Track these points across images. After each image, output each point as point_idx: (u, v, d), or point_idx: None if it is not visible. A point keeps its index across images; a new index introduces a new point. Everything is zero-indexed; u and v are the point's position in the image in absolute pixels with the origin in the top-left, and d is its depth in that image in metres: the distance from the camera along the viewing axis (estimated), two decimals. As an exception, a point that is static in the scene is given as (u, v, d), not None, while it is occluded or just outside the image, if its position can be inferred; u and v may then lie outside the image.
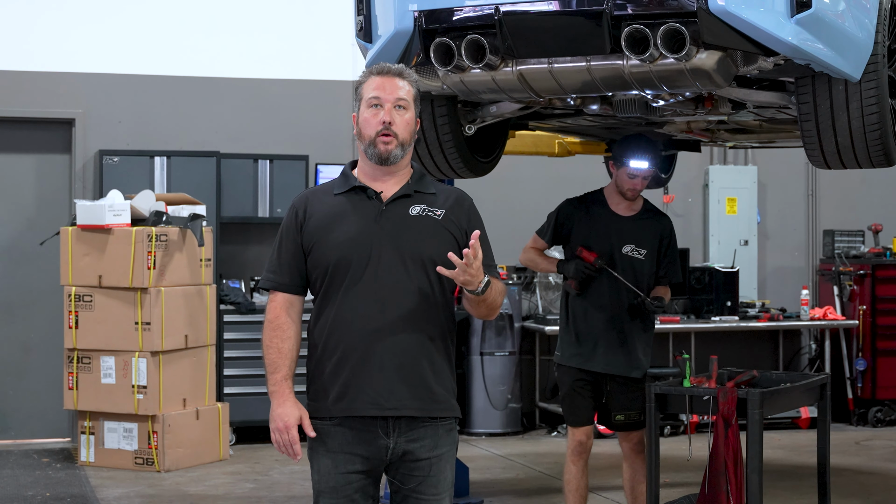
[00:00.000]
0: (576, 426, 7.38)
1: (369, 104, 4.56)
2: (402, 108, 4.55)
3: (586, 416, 7.43)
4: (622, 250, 7.38)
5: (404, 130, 4.55)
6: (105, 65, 11.60)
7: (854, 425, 12.32)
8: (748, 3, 5.52)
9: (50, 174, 11.64)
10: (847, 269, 12.51)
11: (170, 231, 10.10)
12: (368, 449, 4.50)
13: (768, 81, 6.48)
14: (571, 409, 7.44)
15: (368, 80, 4.59)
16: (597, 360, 7.36)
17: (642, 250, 7.41)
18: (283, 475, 9.86)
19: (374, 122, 4.53)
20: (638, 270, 7.40)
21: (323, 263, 4.52)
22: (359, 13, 6.46)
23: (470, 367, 11.63)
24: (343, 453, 4.52)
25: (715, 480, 6.67)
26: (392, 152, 4.53)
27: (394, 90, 4.55)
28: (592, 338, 7.37)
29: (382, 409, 4.47)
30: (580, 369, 7.38)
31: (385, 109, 4.52)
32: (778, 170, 13.16)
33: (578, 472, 7.36)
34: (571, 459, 7.38)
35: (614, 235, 7.39)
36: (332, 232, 4.53)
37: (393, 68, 4.60)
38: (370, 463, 4.53)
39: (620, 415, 7.41)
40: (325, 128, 11.88)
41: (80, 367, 10.17)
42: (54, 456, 10.72)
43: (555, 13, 5.74)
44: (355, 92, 4.63)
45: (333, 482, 4.54)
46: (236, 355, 11.08)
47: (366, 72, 4.64)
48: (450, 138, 7.05)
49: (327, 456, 4.55)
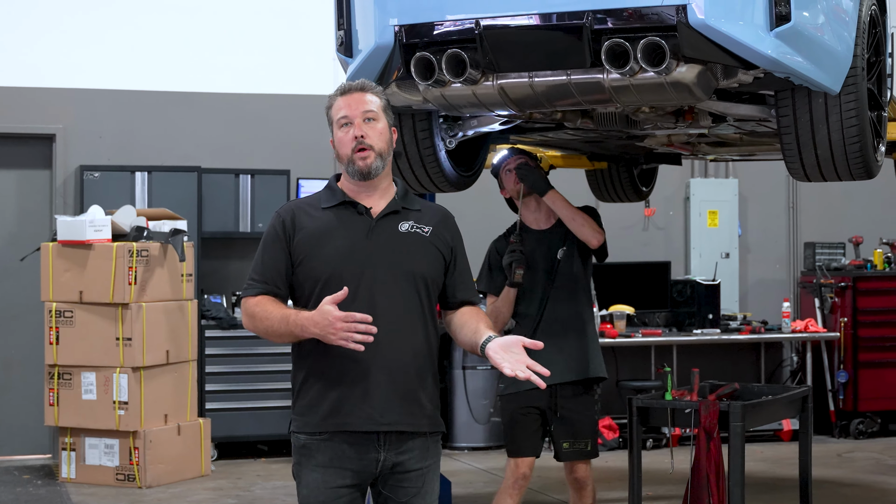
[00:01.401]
0: (521, 456, 7.06)
1: (339, 125, 4.58)
2: (372, 119, 4.57)
3: (533, 446, 7.10)
4: (556, 258, 7.17)
5: (379, 140, 4.56)
6: (85, 80, 11.59)
7: (836, 437, 12.34)
8: (728, 16, 5.52)
9: (30, 189, 11.61)
10: (828, 282, 12.54)
11: (151, 246, 10.08)
12: (360, 463, 4.50)
13: (748, 95, 6.49)
14: (516, 436, 7.10)
15: (335, 103, 4.63)
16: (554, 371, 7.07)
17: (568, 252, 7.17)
18: (266, 490, 9.85)
19: (347, 140, 4.55)
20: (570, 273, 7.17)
21: (313, 278, 4.51)
22: (339, 28, 6.46)
23: (452, 381, 11.63)
24: (333, 468, 4.51)
25: (697, 493, 6.69)
26: (372, 165, 4.54)
27: (360, 105, 4.57)
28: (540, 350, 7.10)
29: (377, 425, 4.48)
30: (522, 394, 6.99)
31: (355, 125, 4.54)
32: (759, 183, 13.20)
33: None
34: (509, 493, 7.04)
35: (538, 250, 7.18)
36: (323, 246, 4.52)
37: (354, 84, 4.64)
38: (360, 477, 4.53)
39: (566, 442, 7.07)
40: (306, 142, 11.87)
41: (60, 382, 10.14)
42: (35, 472, 10.68)
43: (535, 27, 5.75)
44: (327, 116, 4.65)
45: (323, 497, 4.52)
46: (218, 371, 11.05)
47: (331, 95, 4.68)
48: (430, 152, 7.05)
49: (316, 471, 4.53)
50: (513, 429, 7.13)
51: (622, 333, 11.72)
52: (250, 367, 11.03)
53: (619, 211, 12.31)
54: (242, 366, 11.02)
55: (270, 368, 10.96)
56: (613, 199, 9.65)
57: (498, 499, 7.11)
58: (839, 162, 6.10)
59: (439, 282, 4.62)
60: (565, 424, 7.07)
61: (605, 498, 9.50)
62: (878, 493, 9.81)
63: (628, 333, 11.77)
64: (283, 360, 4.14)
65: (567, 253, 7.19)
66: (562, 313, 7.15)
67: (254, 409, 11.08)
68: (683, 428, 6.89)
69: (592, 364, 7.15)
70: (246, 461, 11.09)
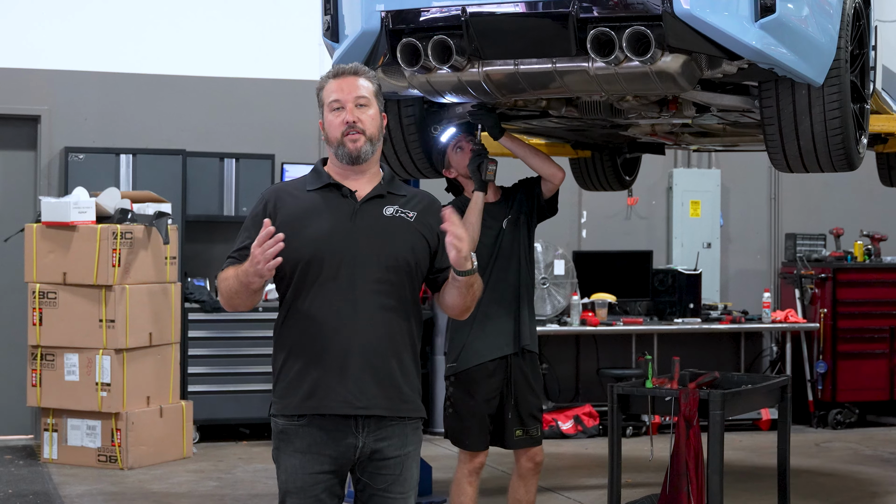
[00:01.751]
0: (476, 450, 6.97)
1: (331, 108, 4.57)
2: (364, 105, 4.55)
3: (485, 439, 6.98)
4: (502, 233, 7.04)
5: (371, 126, 4.55)
6: (71, 62, 11.58)
7: (814, 427, 12.42)
8: (713, 7, 5.56)
9: (15, 171, 11.61)
10: (808, 273, 12.61)
11: (135, 229, 10.09)
12: (337, 448, 4.48)
13: (732, 85, 6.53)
14: (471, 431, 6.95)
15: (327, 85, 4.60)
16: (495, 344, 6.90)
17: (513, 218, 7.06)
18: (247, 473, 9.87)
19: (338, 123, 4.54)
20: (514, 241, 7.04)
21: (294, 259, 4.47)
22: (326, 13, 6.47)
23: (434, 366, 11.65)
24: (311, 453, 4.49)
25: (676, 481, 6.73)
26: (362, 149, 4.54)
27: (352, 89, 4.56)
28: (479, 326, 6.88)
29: (353, 408, 4.45)
30: (485, 370, 6.87)
31: (347, 109, 4.53)
32: (741, 173, 13.26)
33: (474, 492, 6.98)
34: (468, 481, 6.94)
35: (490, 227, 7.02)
36: (305, 228, 4.50)
37: (348, 68, 4.61)
38: (338, 462, 4.51)
39: (519, 429, 6.96)
40: (291, 127, 11.90)
41: (43, 364, 10.15)
42: (17, 453, 10.70)
43: (521, 15, 5.77)
44: (317, 98, 4.64)
45: (301, 482, 4.51)
46: (201, 353, 11.07)
47: (323, 77, 4.64)
48: (416, 139, 7.07)
49: (295, 456, 4.51)
50: (471, 421, 6.95)
51: (603, 322, 11.75)
52: (233, 351, 11.05)
53: (602, 200, 12.38)
54: (225, 349, 11.04)
55: (253, 352, 10.98)
56: (597, 188, 9.68)
57: (458, 490, 6.99)
58: (821, 153, 6.13)
59: (423, 267, 4.58)
60: (521, 409, 6.94)
61: (585, 485, 9.56)
62: (855, 483, 9.87)
63: (609, 322, 11.81)
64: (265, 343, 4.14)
65: (512, 221, 7.05)
66: (505, 284, 6.99)
67: (236, 393, 11.09)
68: (663, 416, 6.92)
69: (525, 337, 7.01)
70: (227, 444, 11.11)
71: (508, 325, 6.95)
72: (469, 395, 6.93)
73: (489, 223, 6.98)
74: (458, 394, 6.97)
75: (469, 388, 6.93)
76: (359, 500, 4.62)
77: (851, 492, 9.55)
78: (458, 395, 6.97)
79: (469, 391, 6.93)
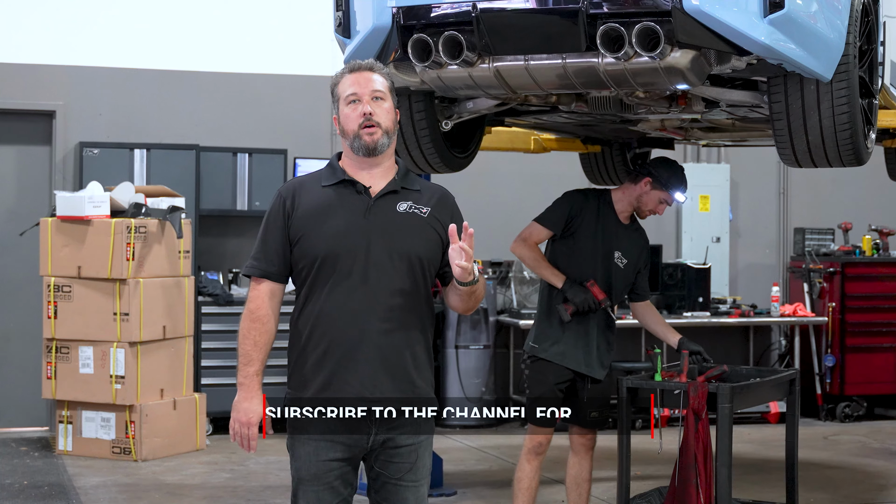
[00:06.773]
0: (545, 426, 7.26)
1: (347, 101, 4.63)
2: (380, 98, 4.63)
3: (554, 419, 7.20)
4: (613, 256, 7.40)
5: (386, 119, 4.63)
6: (86, 58, 11.65)
7: (822, 420, 12.45)
8: (722, 2, 5.58)
9: (30, 165, 11.68)
10: (817, 267, 12.64)
11: (149, 223, 10.16)
12: (351, 437, 4.55)
13: (741, 80, 6.56)
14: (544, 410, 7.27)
15: (343, 79, 4.67)
16: (578, 359, 7.29)
17: (625, 260, 7.42)
18: (259, 465, 9.92)
19: (355, 116, 4.61)
20: (616, 278, 7.43)
21: (311, 255, 4.56)
22: (338, 9, 6.51)
23: (445, 360, 11.71)
24: (325, 441, 4.56)
25: (685, 473, 6.75)
26: (379, 141, 4.60)
27: (369, 83, 4.63)
28: (574, 337, 7.31)
29: (368, 402, 4.53)
30: (562, 367, 7.28)
31: (364, 102, 4.60)
32: (750, 168, 13.29)
33: (533, 471, 7.26)
34: (527, 458, 7.28)
35: (614, 240, 7.39)
36: (321, 224, 4.57)
37: (364, 63, 4.69)
38: (351, 450, 4.58)
39: (595, 412, 7.34)
40: (303, 122, 11.96)
41: (58, 356, 10.22)
42: (32, 445, 10.77)
43: (531, 11, 5.80)
44: (332, 93, 4.70)
45: (315, 469, 4.58)
46: (214, 346, 11.15)
47: (339, 72, 4.72)
48: (426, 133, 7.12)
49: (308, 444, 4.58)
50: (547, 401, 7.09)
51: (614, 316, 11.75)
52: (245, 344, 11.07)
53: (613, 194, 12.38)
54: (237, 341, 11.07)
55: (266, 345, 11.00)
56: (606, 182, 9.70)
57: (518, 467, 7.34)
58: (830, 148, 6.15)
59: (435, 262, 4.65)
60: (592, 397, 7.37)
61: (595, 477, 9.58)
62: (863, 476, 9.91)
63: (619, 315, 11.81)
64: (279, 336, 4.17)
65: (632, 265, 7.51)
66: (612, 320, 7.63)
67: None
68: (672, 409, 6.95)
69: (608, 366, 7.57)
70: (240, 436, 11.17)
71: (593, 351, 7.39)
72: (549, 372, 7.30)
73: (628, 249, 7.47)
74: (536, 367, 7.36)
75: (543, 369, 7.32)
76: (371, 490, 4.68)
77: (859, 484, 9.59)
78: (537, 367, 7.36)
79: (542, 371, 7.32)
